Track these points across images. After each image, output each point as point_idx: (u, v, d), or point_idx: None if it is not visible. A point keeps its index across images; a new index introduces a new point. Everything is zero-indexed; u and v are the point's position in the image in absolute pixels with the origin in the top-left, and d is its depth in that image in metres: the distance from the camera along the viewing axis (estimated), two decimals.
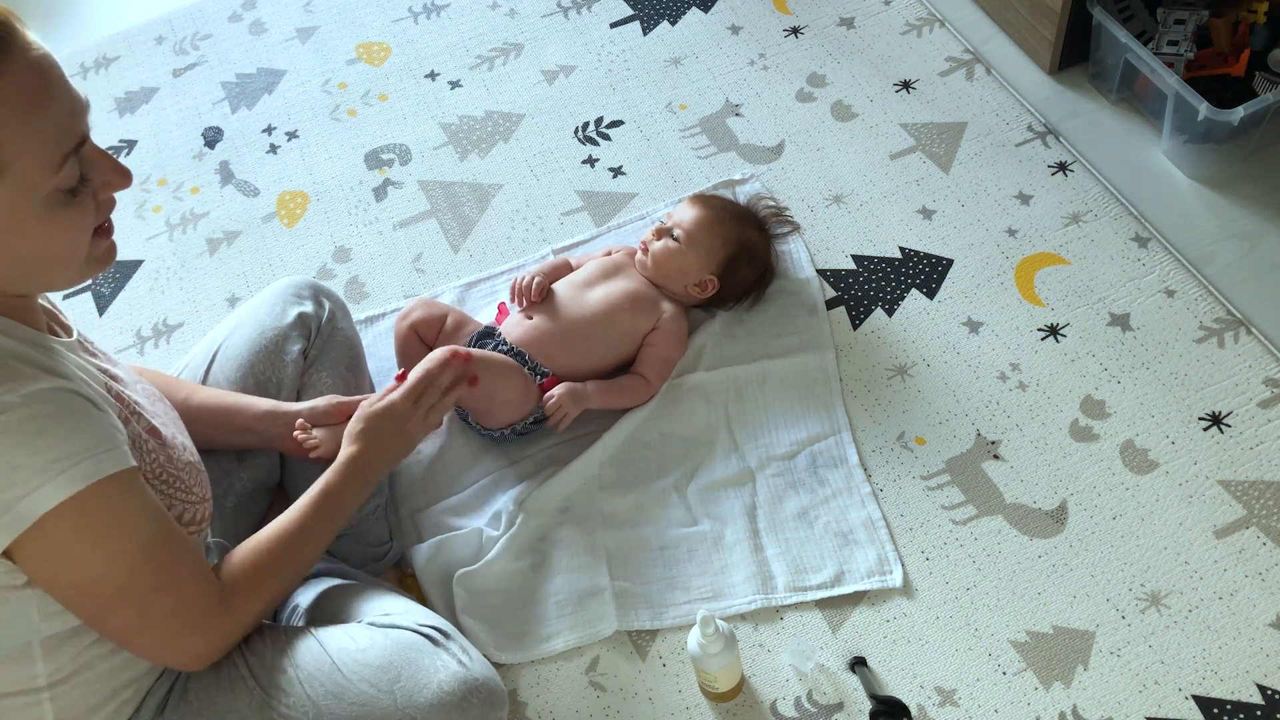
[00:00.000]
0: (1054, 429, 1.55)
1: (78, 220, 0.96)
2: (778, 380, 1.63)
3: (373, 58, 2.21)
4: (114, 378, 1.10)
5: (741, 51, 2.11)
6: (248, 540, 1.16)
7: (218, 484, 1.38)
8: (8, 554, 0.94)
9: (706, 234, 1.63)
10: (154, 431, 1.10)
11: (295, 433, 1.32)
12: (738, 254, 1.65)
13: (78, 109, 0.93)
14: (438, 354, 1.36)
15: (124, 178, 0.98)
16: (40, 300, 1.06)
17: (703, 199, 1.68)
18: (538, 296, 1.60)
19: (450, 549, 1.48)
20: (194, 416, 1.32)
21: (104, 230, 1.00)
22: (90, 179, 0.96)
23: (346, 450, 1.25)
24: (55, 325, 1.08)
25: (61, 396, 0.94)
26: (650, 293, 1.64)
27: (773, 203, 1.75)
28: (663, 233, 1.64)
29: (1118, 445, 1.53)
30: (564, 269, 1.71)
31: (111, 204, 1.00)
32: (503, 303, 1.68)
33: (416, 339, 1.60)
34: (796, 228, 1.77)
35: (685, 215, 1.65)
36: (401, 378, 1.36)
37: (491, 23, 2.24)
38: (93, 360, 1.08)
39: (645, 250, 1.64)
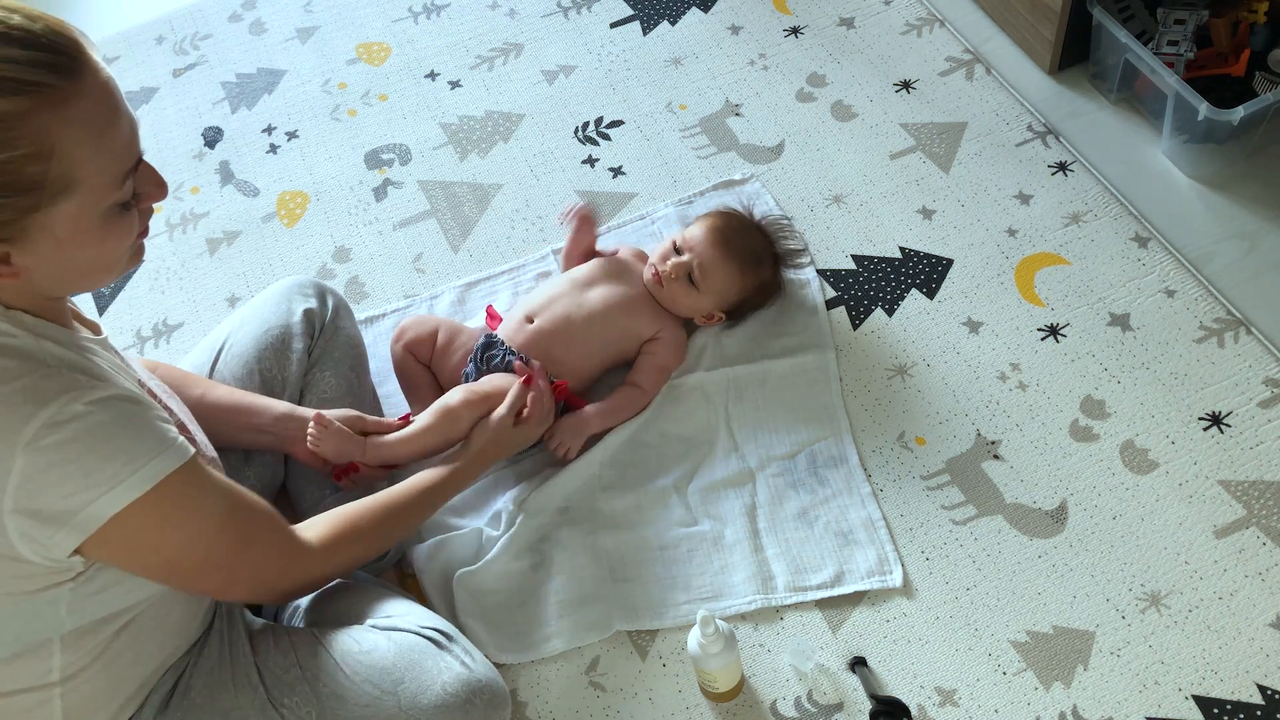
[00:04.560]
0: (1054, 429, 1.55)
1: (128, 229, 0.99)
2: (778, 380, 1.63)
3: (373, 58, 2.21)
4: (137, 377, 1.11)
5: (741, 51, 2.11)
6: (349, 504, 1.24)
7: None
8: (79, 550, 0.97)
9: (725, 283, 1.60)
10: (183, 427, 1.12)
11: (311, 426, 1.35)
12: (751, 297, 1.65)
13: (135, 129, 0.97)
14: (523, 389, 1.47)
15: (163, 190, 1.02)
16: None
17: (725, 240, 1.60)
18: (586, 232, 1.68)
19: (450, 549, 1.48)
20: (208, 413, 1.33)
21: (142, 231, 1.03)
22: (141, 193, 0.99)
23: (472, 447, 1.39)
24: (81, 324, 1.09)
25: (119, 402, 0.97)
26: (650, 300, 1.64)
27: (791, 232, 1.71)
28: (680, 269, 1.58)
29: (1118, 445, 1.53)
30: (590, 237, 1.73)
31: (150, 212, 1.04)
32: (490, 305, 1.68)
33: (413, 360, 1.60)
34: (808, 264, 1.75)
35: (707, 256, 1.58)
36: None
37: (491, 23, 2.24)
38: (120, 360, 1.11)
39: (658, 279, 1.60)
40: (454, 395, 1.45)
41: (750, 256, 1.62)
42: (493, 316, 1.65)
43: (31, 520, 0.92)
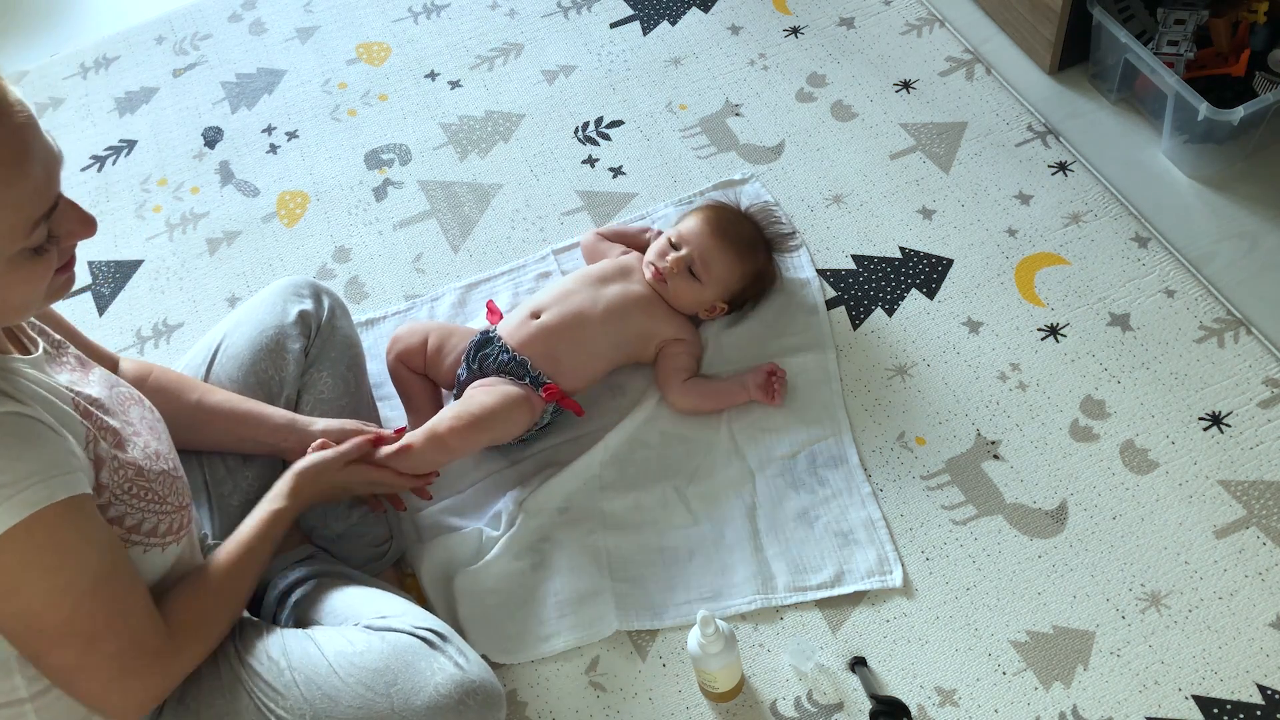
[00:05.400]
0: (1054, 429, 1.55)
1: (42, 272, 0.94)
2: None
3: (373, 58, 2.21)
4: (80, 392, 1.07)
5: (741, 51, 2.11)
6: (185, 580, 1.13)
7: (223, 483, 1.38)
8: None
9: (726, 273, 1.61)
10: (121, 445, 1.07)
11: (312, 450, 1.31)
12: (750, 285, 1.66)
13: (53, 169, 0.91)
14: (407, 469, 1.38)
15: (89, 228, 0.97)
16: None
17: (721, 229, 1.61)
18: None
19: (450, 549, 1.48)
20: (206, 419, 1.31)
21: (64, 266, 0.98)
22: (57, 234, 0.95)
23: (287, 484, 1.26)
24: (24, 339, 1.06)
25: (9, 421, 0.92)
26: (664, 300, 1.64)
27: (778, 218, 1.73)
28: (681, 263, 1.59)
29: (1118, 445, 1.53)
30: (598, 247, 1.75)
31: (74, 246, 0.99)
32: (491, 300, 1.68)
33: (406, 370, 1.61)
34: (798, 247, 1.77)
35: (705, 247, 1.59)
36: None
37: (491, 23, 2.24)
38: (58, 376, 1.06)
39: (660, 277, 1.60)
40: (443, 420, 1.43)
41: (745, 243, 1.63)
42: (493, 312, 1.64)
43: None
